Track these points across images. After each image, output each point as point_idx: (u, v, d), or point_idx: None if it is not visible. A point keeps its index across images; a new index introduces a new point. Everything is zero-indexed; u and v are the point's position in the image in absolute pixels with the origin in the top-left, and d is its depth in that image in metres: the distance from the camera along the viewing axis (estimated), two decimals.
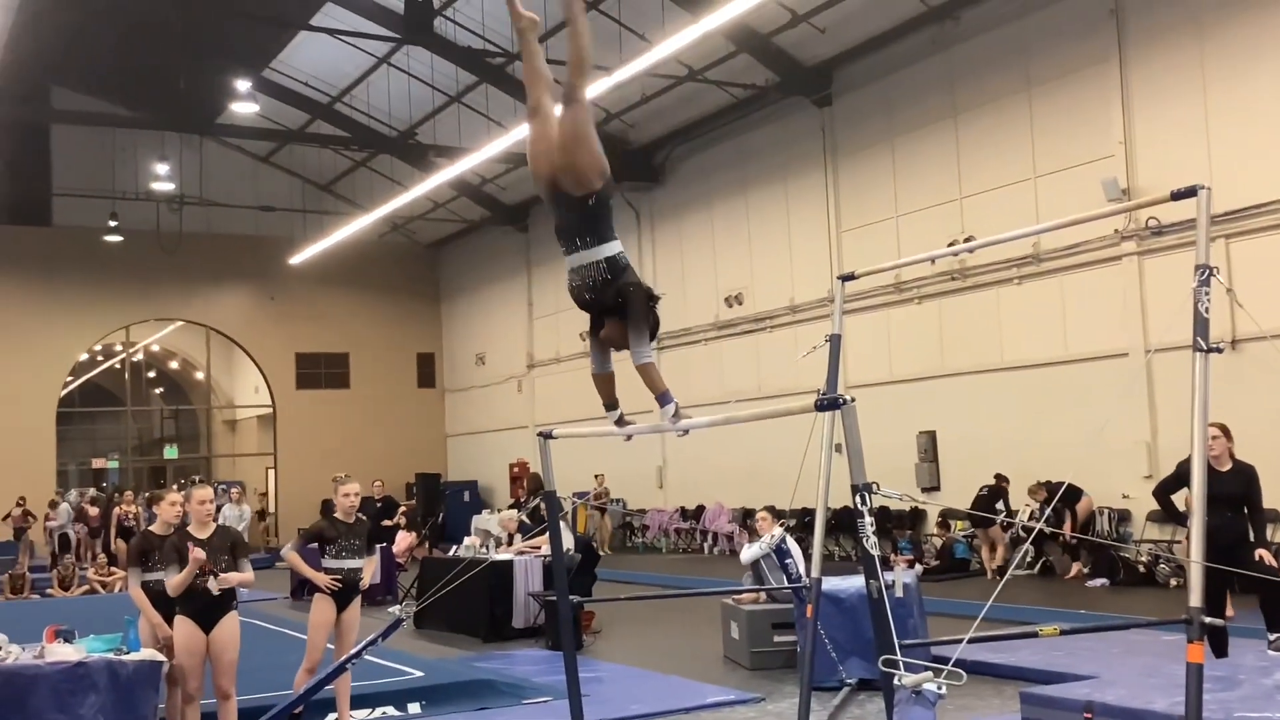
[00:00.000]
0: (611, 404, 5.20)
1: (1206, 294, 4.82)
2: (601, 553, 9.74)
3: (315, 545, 7.83)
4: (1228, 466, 7.72)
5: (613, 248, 4.96)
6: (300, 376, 30.57)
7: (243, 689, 7.30)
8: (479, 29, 20.93)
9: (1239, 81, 13.69)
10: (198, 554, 6.77)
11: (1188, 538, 5.46)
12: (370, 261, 30.19)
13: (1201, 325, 4.76)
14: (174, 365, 36.40)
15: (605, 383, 5.14)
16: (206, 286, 29.42)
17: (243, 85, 21.31)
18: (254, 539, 24.91)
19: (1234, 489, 7.61)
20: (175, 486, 12.50)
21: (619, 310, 4.92)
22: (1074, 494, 14.31)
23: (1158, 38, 14.59)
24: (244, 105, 21.72)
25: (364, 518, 8.08)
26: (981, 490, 15.50)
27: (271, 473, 30.60)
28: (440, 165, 22.46)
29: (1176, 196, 5.23)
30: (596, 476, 22.81)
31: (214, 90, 23.31)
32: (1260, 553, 7.58)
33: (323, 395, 30.63)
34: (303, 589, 16.15)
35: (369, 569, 7.93)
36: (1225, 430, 7.76)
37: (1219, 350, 4.79)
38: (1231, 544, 7.34)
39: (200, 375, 33.89)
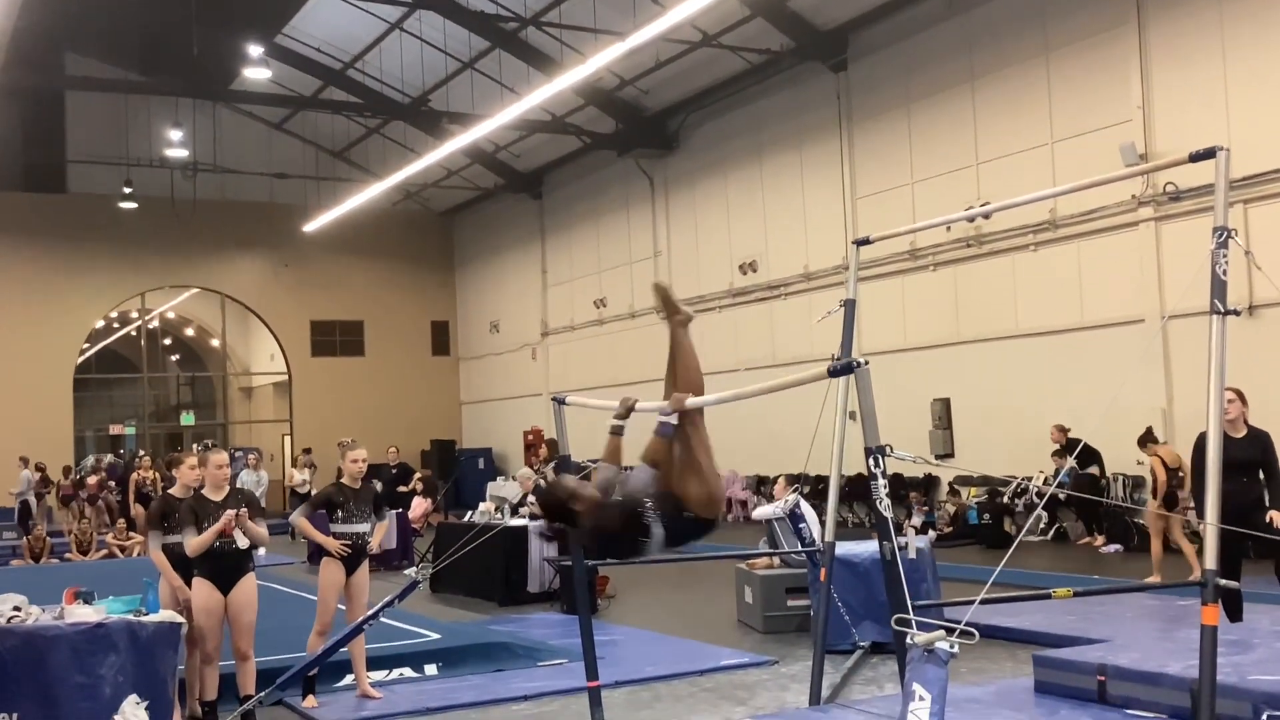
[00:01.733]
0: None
1: (1224, 256, 4.80)
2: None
3: (323, 511, 7.90)
4: (1243, 432, 7.69)
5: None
6: (315, 344, 30.70)
7: (260, 650, 7.38)
8: None
9: (1259, 46, 13.54)
10: (229, 514, 6.87)
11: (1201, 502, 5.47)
12: (384, 229, 30.21)
13: (1219, 287, 4.74)
14: (190, 332, 36.54)
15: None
16: (221, 253, 29.50)
17: (256, 51, 21.25)
18: (273, 505, 25.07)
19: (1250, 454, 7.59)
20: (195, 448, 12.58)
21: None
22: (1090, 457, 14.25)
23: (1177, 1, 14.43)
24: (257, 71, 21.67)
25: (373, 483, 8.16)
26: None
27: (288, 439, 30.77)
28: (454, 132, 22.40)
29: (1195, 158, 5.20)
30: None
31: (227, 56, 23.27)
32: (1274, 515, 7.57)
33: (338, 363, 30.75)
34: (319, 554, 16.30)
35: (379, 533, 8.02)
36: (1241, 395, 7.73)
37: (1236, 313, 4.78)
38: (1247, 508, 7.33)
39: (216, 342, 34.00)
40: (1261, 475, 7.65)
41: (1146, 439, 11.79)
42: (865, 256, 9.90)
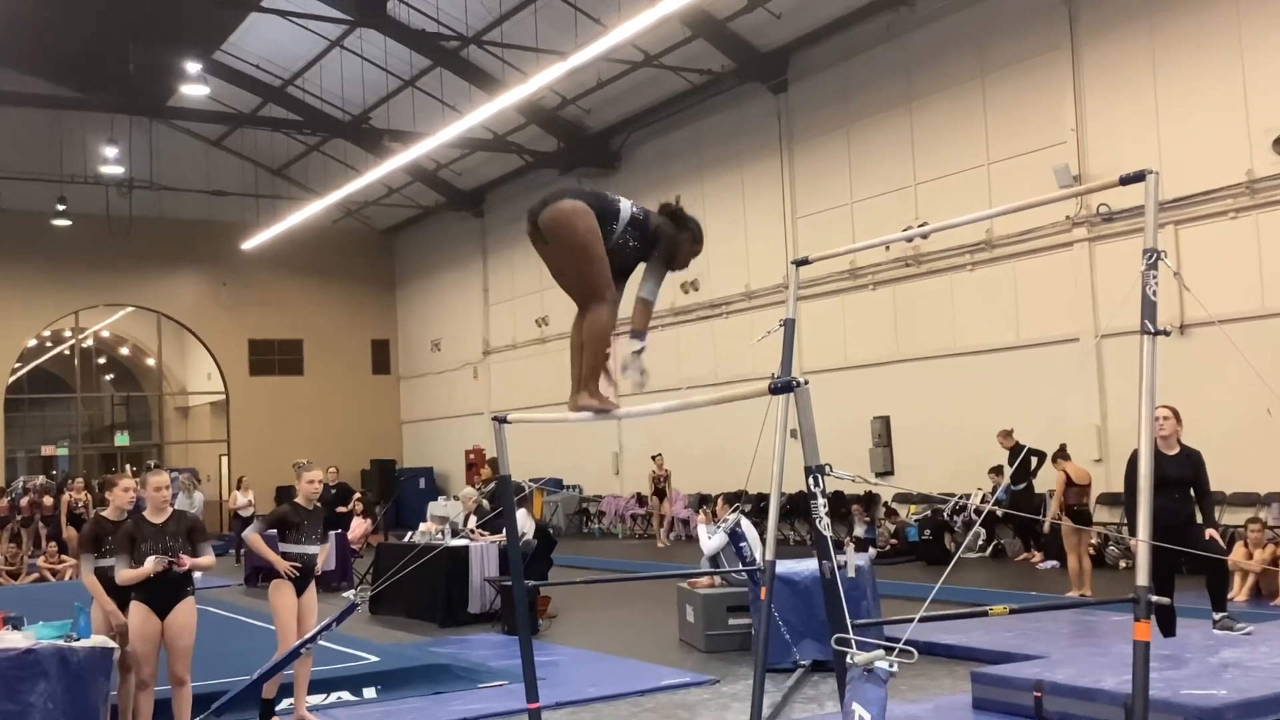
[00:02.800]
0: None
1: (1154, 278, 4.89)
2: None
3: (274, 530, 7.80)
4: (1176, 450, 7.82)
5: (624, 211, 5.17)
6: (253, 363, 30.33)
7: (196, 675, 7.24)
8: (433, 12, 20.78)
9: (1189, 70, 13.88)
10: (157, 563, 6.74)
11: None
12: (324, 247, 29.95)
13: (1149, 308, 4.82)
14: (125, 351, 35.93)
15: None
16: (157, 272, 29.07)
17: (193, 67, 21.03)
18: (210, 527, 24.66)
19: (1182, 471, 7.70)
20: (130, 471, 12.36)
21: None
22: (1023, 473, 14.43)
23: (1109, 26, 14.75)
24: (195, 88, 21.42)
25: (319, 505, 8.08)
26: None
27: (225, 460, 30.31)
28: (394, 150, 22.29)
29: (1125, 181, 5.29)
30: (655, 458, 20.61)
31: (164, 72, 22.96)
32: (1209, 532, 7.71)
33: (276, 382, 30.39)
34: (257, 575, 16.02)
35: (323, 555, 7.95)
36: (1175, 413, 7.86)
37: (1166, 333, 4.86)
38: (1179, 525, 7.46)
39: (151, 361, 33.48)
40: (1193, 492, 7.79)
41: (1059, 455, 12.02)
42: (806, 276, 9.99)
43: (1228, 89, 13.43)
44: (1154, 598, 4.52)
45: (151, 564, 6.71)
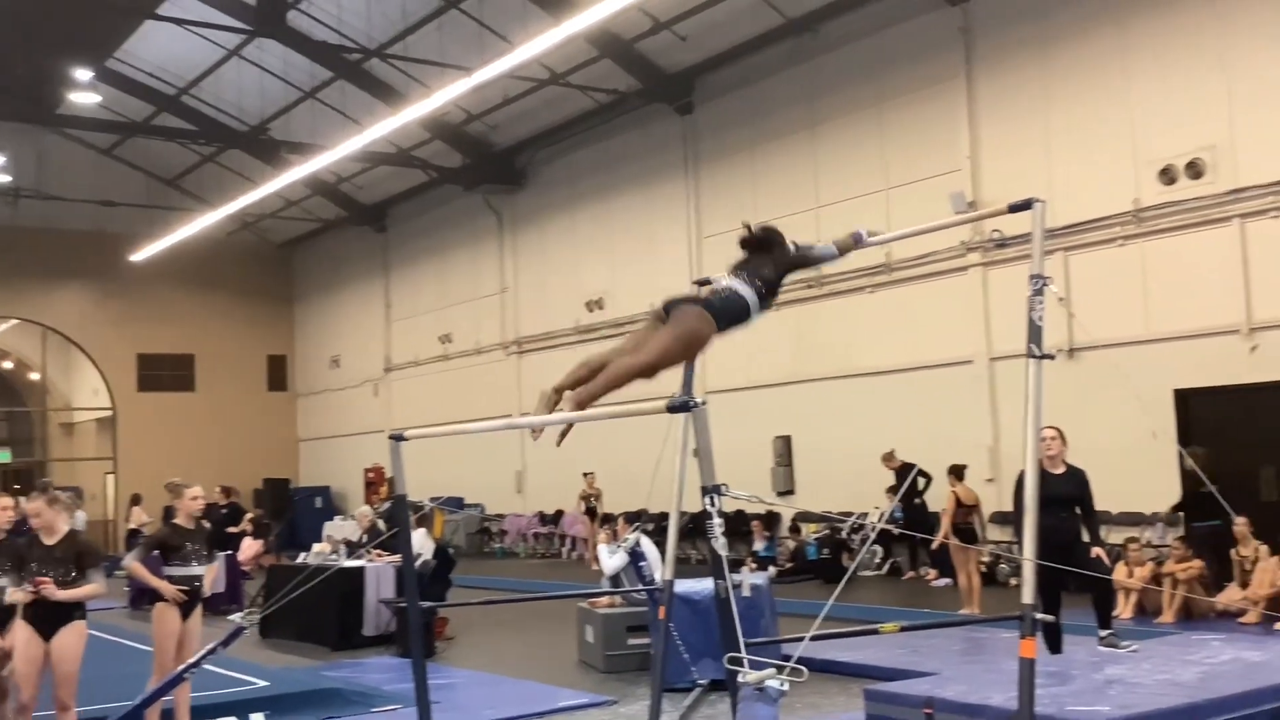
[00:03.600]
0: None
1: (1040, 303, 5.00)
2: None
3: (156, 553, 7.56)
4: (1061, 469, 7.97)
5: (752, 302, 5.55)
6: (142, 378, 29.49)
7: (80, 701, 6.98)
8: (335, 23, 20.51)
9: (1079, 102, 14.30)
10: (24, 598, 6.50)
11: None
12: (218, 260, 29.29)
13: (1035, 332, 4.93)
14: (7, 365, 34.67)
15: None
16: (43, 284, 28.13)
17: (84, 75, 20.43)
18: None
19: (1068, 490, 7.85)
20: (13, 490, 11.90)
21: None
22: (914, 493, 14.64)
23: (1003, 57, 15.14)
24: (85, 95, 20.81)
25: (204, 523, 7.85)
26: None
27: (111, 478, 29.39)
28: (293, 162, 21.89)
29: (1014, 209, 5.42)
30: (586, 475, 20.24)
31: (53, 79, 22.28)
32: (1096, 551, 7.88)
33: (166, 398, 29.57)
34: (142, 598, 15.51)
35: (210, 576, 7.71)
36: (1061, 434, 8.04)
37: (1051, 357, 4.98)
38: (1066, 543, 7.61)
39: (35, 376, 32.37)
40: (1079, 510, 7.96)
41: (955, 475, 12.29)
42: None
43: (1116, 121, 13.87)
44: (1040, 615, 4.60)
45: (17, 594, 6.51)
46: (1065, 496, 7.80)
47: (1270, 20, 12.60)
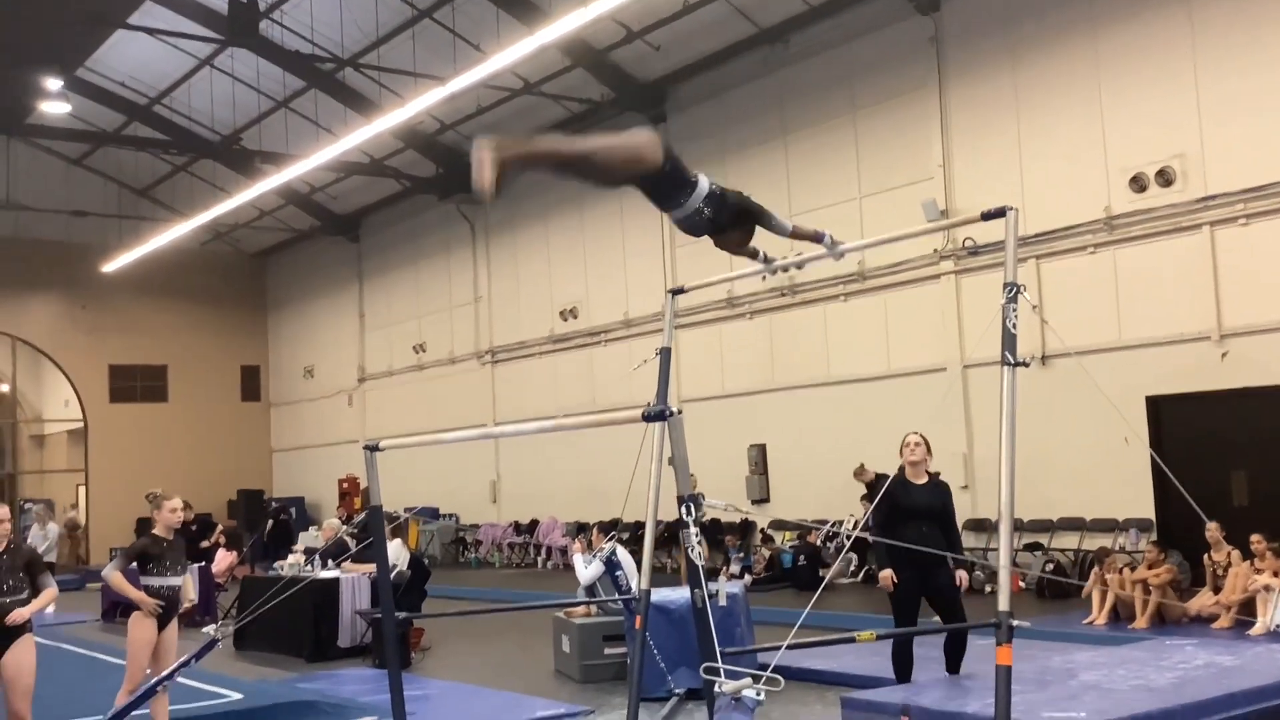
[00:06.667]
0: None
1: (1014, 311, 5.03)
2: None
3: (134, 564, 7.50)
4: (923, 480, 7.71)
5: (703, 187, 5.48)
6: (114, 389, 29.24)
7: (50, 715, 6.91)
8: (307, 33, 20.44)
9: (1051, 111, 14.41)
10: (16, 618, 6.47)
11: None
12: (191, 270, 29.11)
13: (1009, 340, 4.96)
14: None
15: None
16: (13, 294, 27.86)
17: (54, 84, 20.26)
18: (63, 558, 23.58)
19: (931, 501, 7.64)
20: None
21: (740, 223, 5.78)
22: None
23: (975, 66, 15.24)
24: (55, 105, 20.65)
25: (179, 536, 7.81)
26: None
27: (83, 490, 29.11)
28: (266, 172, 21.81)
29: (987, 217, 5.46)
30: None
31: (23, 88, 22.08)
32: (960, 576, 7.60)
33: (139, 409, 29.34)
34: (115, 610, 15.38)
35: (187, 585, 7.67)
36: (925, 440, 7.80)
37: (1026, 364, 5.01)
38: (930, 563, 7.33)
39: (5, 387, 32.03)
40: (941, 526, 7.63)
41: None
42: (683, 304, 10.05)
43: (1087, 129, 13.98)
44: (1015, 621, 4.61)
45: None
46: (927, 508, 7.56)
47: (1239, 29, 12.74)
